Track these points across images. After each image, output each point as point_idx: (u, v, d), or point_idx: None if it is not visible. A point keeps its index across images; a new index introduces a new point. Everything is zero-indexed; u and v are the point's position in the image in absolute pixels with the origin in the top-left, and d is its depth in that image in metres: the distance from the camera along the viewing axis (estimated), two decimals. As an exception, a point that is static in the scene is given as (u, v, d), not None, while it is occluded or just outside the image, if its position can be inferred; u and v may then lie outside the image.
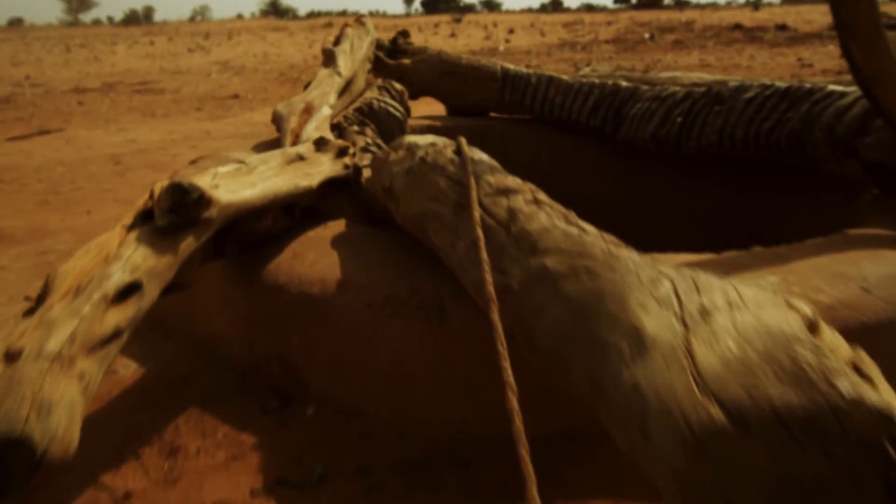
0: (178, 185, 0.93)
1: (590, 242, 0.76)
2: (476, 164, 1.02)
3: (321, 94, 2.13)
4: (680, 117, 2.04)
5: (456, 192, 0.98)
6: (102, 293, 0.79)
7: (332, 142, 1.43)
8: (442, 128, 2.65)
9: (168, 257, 0.91)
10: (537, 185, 2.73)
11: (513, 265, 0.80)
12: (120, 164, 3.19)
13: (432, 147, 1.11)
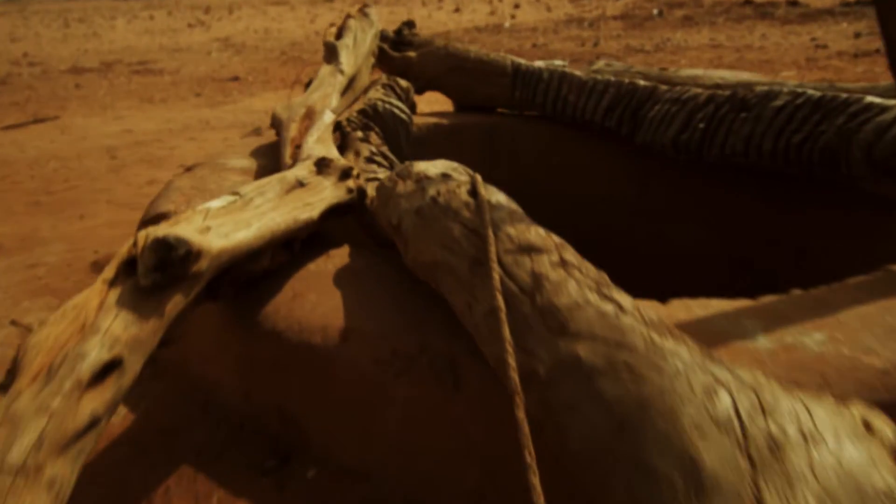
0: (164, 241, 0.84)
1: (628, 327, 0.67)
2: (494, 209, 0.92)
3: (323, 97, 2.02)
4: (702, 123, 1.93)
5: (472, 243, 0.88)
6: (76, 379, 0.70)
7: (335, 162, 1.33)
8: (449, 126, 2.54)
9: (153, 322, 0.82)
10: (548, 183, 2.61)
11: (539, 346, 0.71)
12: (115, 157, 3.08)
13: (445, 185, 1.01)
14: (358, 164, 1.75)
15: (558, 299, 0.73)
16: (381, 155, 1.81)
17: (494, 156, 2.62)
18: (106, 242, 1.97)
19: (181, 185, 1.74)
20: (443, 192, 0.99)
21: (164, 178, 2.69)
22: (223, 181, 1.76)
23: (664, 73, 2.35)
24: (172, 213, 1.57)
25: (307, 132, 1.78)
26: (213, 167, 1.88)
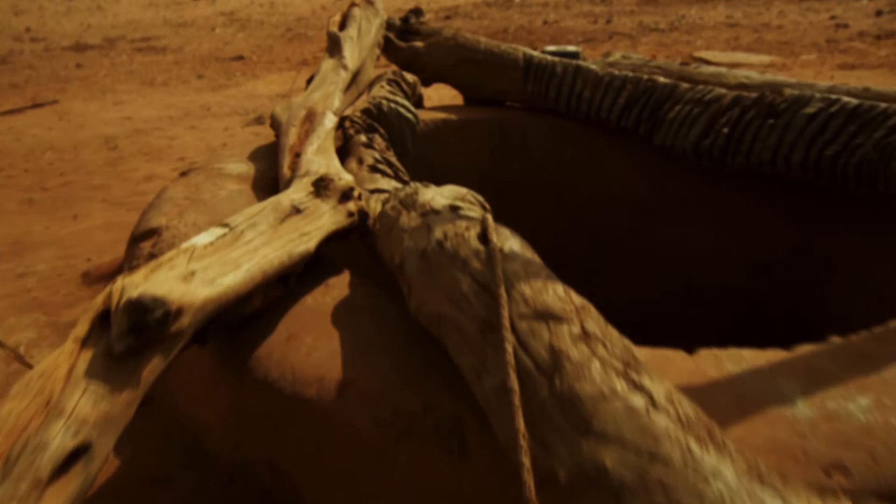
0: (138, 303, 0.75)
1: (663, 430, 0.58)
2: (507, 260, 0.83)
3: (325, 96, 1.91)
4: (726, 128, 1.82)
5: (482, 301, 0.79)
6: (35, 477, 0.62)
7: (335, 183, 1.24)
8: (457, 121, 2.43)
9: (127, 393, 0.74)
10: (560, 179, 2.49)
11: (559, 442, 0.62)
12: (114, 148, 2.99)
13: (452, 226, 0.92)
14: (361, 172, 1.65)
15: (581, 386, 0.64)
16: (385, 162, 1.71)
17: (504, 151, 2.51)
18: (98, 249, 1.89)
19: (174, 194, 1.65)
20: (450, 236, 0.90)
21: (163, 172, 2.60)
22: (218, 190, 1.67)
23: (685, 70, 2.22)
24: (163, 227, 1.49)
25: (307, 138, 1.68)
26: (208, 172, 1.79)
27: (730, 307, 2.38)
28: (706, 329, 2.49)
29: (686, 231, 2.41)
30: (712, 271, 2.39)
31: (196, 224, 1.48)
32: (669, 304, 2.57)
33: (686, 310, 2.53)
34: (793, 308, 2.18)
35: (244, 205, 1.59)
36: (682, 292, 2.51)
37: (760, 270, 2.23)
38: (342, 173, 1.38)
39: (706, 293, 2.44)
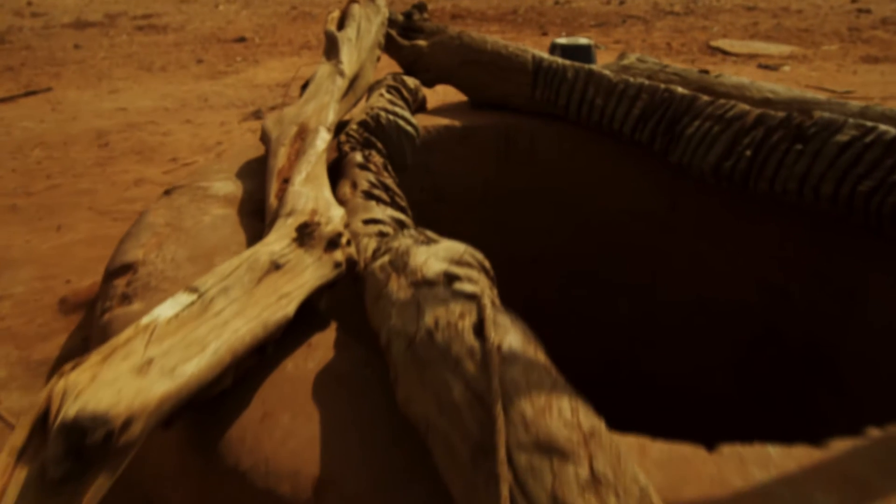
0: (76, 426, 0.65)
1: None
2: (506, 363, 0.72)
3: (318, 109, 1.79)
4: (749, 150, 1.69)
5: (475, 417, 0.68)
6: None
7: (321, 230, 1.12)
8: (461, 128, 2.30)
9: (62, 527, 0.64)
10: (569, 191, 2.36)
11: None
12: (105, 146, 2.87)
13: (444, 310, 0.81)
14: (355, 198, 1.54)
15: (588, 559, 0.54)
16: (381, 187, 1.59)
17: (510, 158, 2.39)
18: (79, 268, 1.79)
19: (154, 220, 1.54)
20: (442, 325, 0.79)
21: (152, 176, 2.49)
22: (202, 215, 1.56)
23: (705, 79, 2.08)
24: (139, 262, 1.38)
25: (297, 160, 1.56)
26: (193, 193, 1.68)
27: (742, 325, 2.27)
28: (718, 345, 2.38)
29: (699, 247, 2.29)
30: (725, 289, 2.28)
31: (174, 260, 1.37)
32: (678, 317, 2.46)
33: (696, 324, 2.42)
34: (810, 332, 2.07)
35: (227, 234, 1.48)
36: (693, 307, 2.40)
37: (777, 292, 2.12)
38: (331, 210, 1.26)
39: (718, 309, 2.33)
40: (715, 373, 2.42)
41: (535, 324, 2.54)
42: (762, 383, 2.26)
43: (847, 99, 3.79)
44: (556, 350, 2.66)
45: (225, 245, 1.42)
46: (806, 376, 2.10)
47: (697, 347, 2.45)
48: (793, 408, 2.16)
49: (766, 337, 2.20)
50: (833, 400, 2.04)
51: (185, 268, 1.34)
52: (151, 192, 2.34)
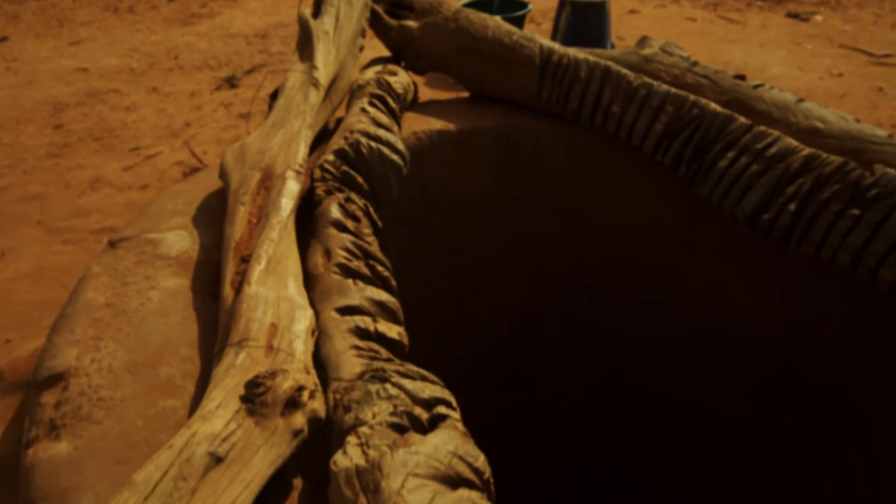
0: None
1: None
2: None
3: (287, 141, 1.52)
4: (794, 204, 1.44)
5: None
6: None
7: (276, 390, 0.90)
8: (457, 132, 2.02)
9: None
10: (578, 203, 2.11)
11: None
12: (60, 127, 2.57)
13: None
14: (328, 274, 1.30)
15: None
16: (361, 255, 1.35)
17: (511, 165, 2.12)
18: (22, 320, 1.58)
19: (94, 298, 1.31)
20: None
21: (110, 175, 2.22)
22: (149, 289, 1.33)
23: (741, 89, 1.79)
24: (71, 372, 1.16)
25: (259, 228, 1.31)
26: (141, 251, 1.43)
27: (761, 356, 2.08)
28: (732, 370, 2.20)
29: (719, 271, 2.06)
30: (745, 317, 2.07)
31: (111, 369, 1.16)
32: (690, 335, 2.27)
33: (709, 346, 2.23)
34: (838, 376, 1.88)
35: (177, 325, 1.25)
36: (707, 328, 2.21)
37: (804, 332, 1.91)
38: (295, 341, 1.03)
39: (735, 336, 2.13)
40: (728, 396, 2.26)
41: (534, 331, 2.33)
42: (778, 415, 2.10)
43: (886, 63, 3.42)
44: (555, 359, 2.48)
45: (173, 345, 1.20)
46: (827, 419, 1.94)
47: (709, 368, 2.28)
48: (809, 447, 2.01)
49: (787, 372, 2.02)
50: (855, 448, 1.89)
51: (124, 383, 1.13)
52: (108, 202, 2.08)
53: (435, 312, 2.33)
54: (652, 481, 2.53)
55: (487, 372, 2.56)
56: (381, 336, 1.22)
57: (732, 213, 1.57)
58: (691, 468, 2.39)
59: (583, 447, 2.65)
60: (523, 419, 2.65)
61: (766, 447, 2.13)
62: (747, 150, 1.57)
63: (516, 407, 2.64)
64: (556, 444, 2.64)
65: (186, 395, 1.11)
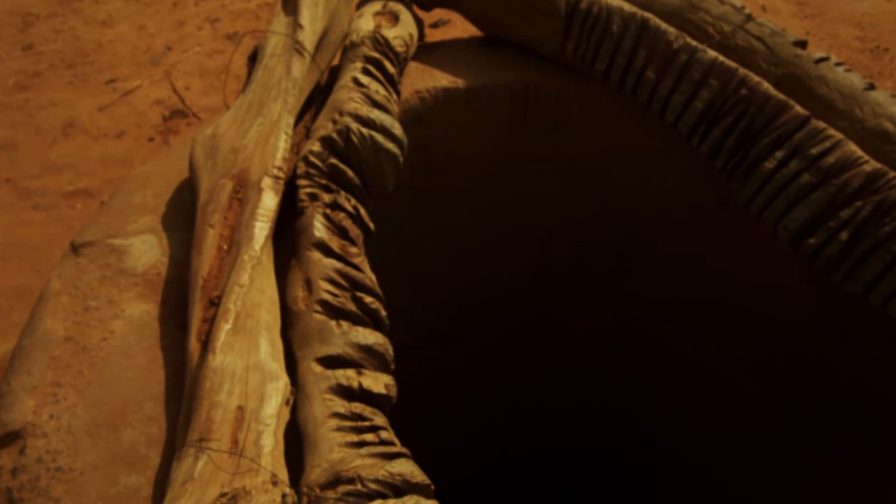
0: None
1: None
2: None
3: (264, 136, 1.32)
4: (846, 232, 1.25)
5: None
6: None
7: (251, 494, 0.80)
8: (465, 90, 1.79)
9: None
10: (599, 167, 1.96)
11: None
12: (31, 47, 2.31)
13: None
14: (309, 313, 1.16)
15: None
16: (348, 285, 1.20)
17: (528, 126, 1.89)
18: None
19: (52, 328, 1.18)
20: None
21: (84, 118, 2.01)
22: (112, 319, 1.20)
23: (801, 62, 1.51)
24: (28, 430, 1.06)
25: (230, 259, 1.15)
26: (105, 263, 1.28)
27: (782, 341, 1.96)
28: (748, 351, 2.09)
29: (746, 252, 1.89)
30: (769, 300, 1.92)
31: (70, 430, 1.06)
32: (710, 301, 2.14)
33: (727, 322, 2.11)
34: (862, 372, 1.77)
35: (141, 367, 1.14)
36: (726, 306, 2.07)
37: (832, 326, 1.77)
38: (264, 435, 0.92)
39: (755, 317, 2.00)
40: (740, 368, 2.16)
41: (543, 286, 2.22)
42: (793, 399, 2.01)
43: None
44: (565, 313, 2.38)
45: (137, 400, 1.10)
46: (845, 415, 1.85)
47: (724, 338, 2.17)
48: (821, 436, 1.94)
49: (809, 360, 1.90)
50: (869, 448, 1.81)
51: (84, 450, 1.04)
52: (82, 155, 1.90)
53: (437, 267, 2.20)
54: (655, 436, 2.51)
55: (495, 323, 2.47)
56: (365, 393, 1.10)
57: (773, 227, 1.37)
58: (696, 429, 2.36)
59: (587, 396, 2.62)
60: (530, 368, 2.60)
61: (776, 425, 2.07)
62: (800, 152, 1.35)
63: (523, 357, 2.58)
64: (561, 394, 2.61)
65: (150, 468, 1.02)
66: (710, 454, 2.28)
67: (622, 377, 2.48)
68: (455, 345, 2.42)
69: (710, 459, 2.28)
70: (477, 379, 2.47)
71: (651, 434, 2.46)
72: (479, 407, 2.53)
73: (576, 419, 2.59)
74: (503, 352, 2.50)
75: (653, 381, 2.42)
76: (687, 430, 2.34)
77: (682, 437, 2.36)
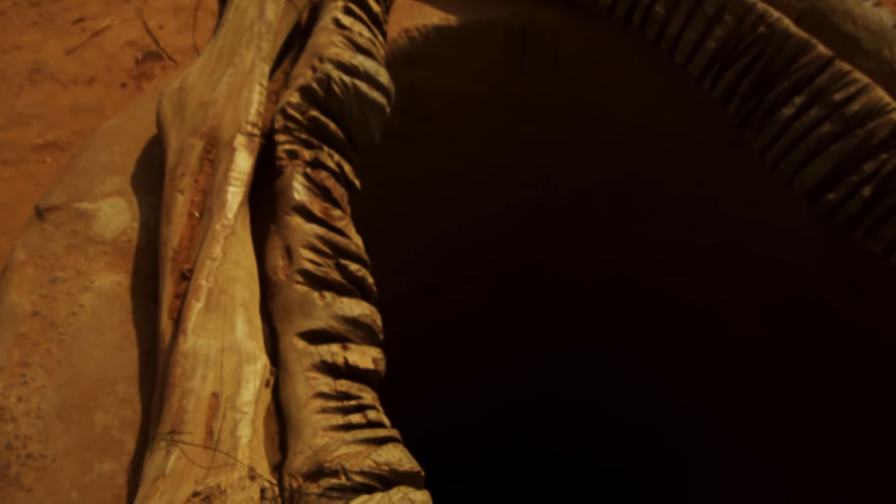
0: None
1: None
2: None
3: (236, 89, 1.21)
4: (869, 188, 1.17)
5: None
6: None
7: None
8: (458, 28, 1.66)
9: None
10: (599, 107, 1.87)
11: None
12: None
13: None
14: (290, 284, 1.08)
15: None
16: (331, 252, 1.11)
17: (526, 65, 1.77)
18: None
19: (18, 302, 1.11)
20: None
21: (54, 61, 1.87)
22: (81, 291, 1.12)
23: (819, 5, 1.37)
24: (-4, 414, 1.01)
25: (202, 227, 1.06)
26: (72, 229, 1.20)
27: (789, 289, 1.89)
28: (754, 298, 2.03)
29: (757, 195, 1.80)
30: (779, 245, 1.85)
31: (40, 414, 1.00)
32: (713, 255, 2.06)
33: (732, 268, 2.03)
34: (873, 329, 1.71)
35: (112, 344, 1.07)
36: (732, 251, 1.99)
37: (844, 278, 1.70)
38: (241, 425, 0.86)
39: (763, 262, 1.92)
40: (744, 315, 2.11)
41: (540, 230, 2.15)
42: (800, 348, 1.96)
43: None
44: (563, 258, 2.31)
45: (109, 380, 1.03)
46: (856, 367, 1.80)
47: (728, 283, 2.10)
48: (828, 386, 1.90)
49: (817, 310, 1.84)
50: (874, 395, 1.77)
51: (55, 435, 0.98)
52: (51, 104, 1.78)
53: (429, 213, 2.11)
54: (652, 381, 2.48)
55: (490, 270, 2.40)
56: (352, 369, 1.03)
57: (789, 179, 1.28)
58: (697, 379, 2.33)
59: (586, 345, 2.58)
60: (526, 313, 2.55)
61: (780, 377, 2.03)
62: (821, 98, 1.24)
63: (520, 302, 2.52)
64: (558, 340, 2.56)
65: (125, 454, 0.97)
66: (711, 405, 2.26)
67: (621, 326, 2.43)
68: (450, 294, 2.36)
69: (712, 411, 2.26)
70: (472, 329, 2.43)
71: (651, 384, 2.43)
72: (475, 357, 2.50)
73: (575, 368, 2.56)
74: (499, 301, 2.45)
75: (653, 330, 2.37)
76: (688, 380, 2.31)
77: (683, 388, 2.33)
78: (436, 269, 2.33)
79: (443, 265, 2.34)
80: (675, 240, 2.12)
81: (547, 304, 2.50)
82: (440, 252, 2.28)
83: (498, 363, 2.55)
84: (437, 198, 2.06)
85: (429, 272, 2.32)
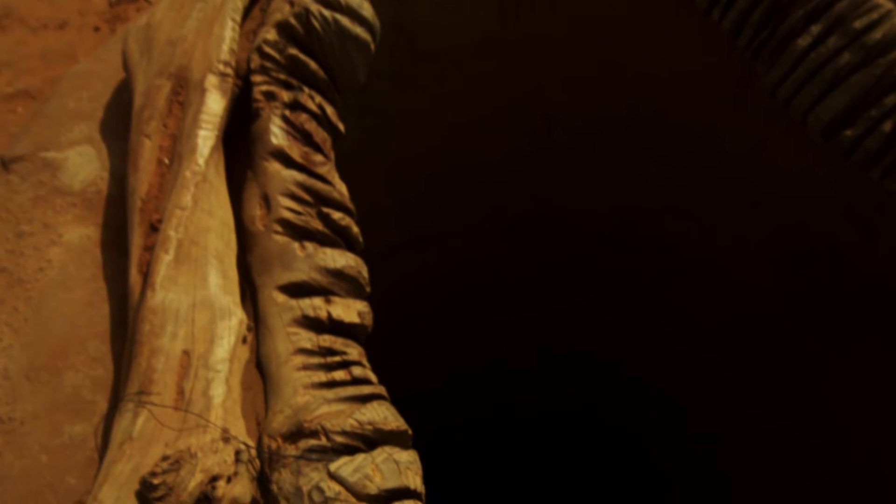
0: None
1: None
2: None
3: (207, 21, 1.13)
4: (890, 122, 1.09)
5: None
6: None
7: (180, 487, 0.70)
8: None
9: None
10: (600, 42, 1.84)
11: None
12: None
13: None
14: (269, 234, 1.01)
15: None
16: (312, 200, 1.04)
17: (521, 5, 1.65)
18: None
19: (-19, 258, 1.04)
20: None
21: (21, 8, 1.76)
22: (49, 246, 1.06)
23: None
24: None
25: (172, 162, 0.99)
26: (38, 180, 1.13)
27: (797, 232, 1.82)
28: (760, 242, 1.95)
29: (767, 134, 1.70)
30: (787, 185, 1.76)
31: (7, 375, 0.95)
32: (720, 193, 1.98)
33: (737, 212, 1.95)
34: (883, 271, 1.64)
35: (82, 301, 1.02)
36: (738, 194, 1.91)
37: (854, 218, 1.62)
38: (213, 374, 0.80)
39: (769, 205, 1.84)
40: (749, 259, 2.04)
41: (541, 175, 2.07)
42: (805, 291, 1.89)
43: None
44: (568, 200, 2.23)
45: (79, 338, 0.98)
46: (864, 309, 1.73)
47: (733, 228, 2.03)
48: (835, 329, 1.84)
49: (824, 252, 1.77)
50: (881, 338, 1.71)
51: (24, 396, 0.94)
52: (21, 50, 1.69)
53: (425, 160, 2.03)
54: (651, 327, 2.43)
55: (491, 219, 2.33)
56: (336, 323, 0.97)
57: (803, 116, 1.19)
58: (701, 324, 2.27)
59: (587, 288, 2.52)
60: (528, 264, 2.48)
61: (786, 321, 1.97)
62: (840, 26, 1.14)
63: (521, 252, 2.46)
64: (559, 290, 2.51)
65: (97, 414, 0.92)
66: (714, 352, 2.21)
67: (625, 273, 2.37)
68: (449, 245, 2.30)
69: (714, 358, 2.22)
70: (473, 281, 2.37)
71: (655, 331, 2.38)
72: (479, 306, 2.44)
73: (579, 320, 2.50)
74: (500, 252, 2.38)
75: (656, 276, 2.31)
76: (692, 326, 2.25)
77: (687, 335, 2.28)
78: (433, 220, 2.26)
79: (441, 215, 2.26)
80: (678, 183, 2.03)
81: (549, 253, 2.43)
82: (437, 202, 2.21)
83: (499, 314, 2.51)
84: (432, 144, 1.97)
85: (426, 223, 2.25)
